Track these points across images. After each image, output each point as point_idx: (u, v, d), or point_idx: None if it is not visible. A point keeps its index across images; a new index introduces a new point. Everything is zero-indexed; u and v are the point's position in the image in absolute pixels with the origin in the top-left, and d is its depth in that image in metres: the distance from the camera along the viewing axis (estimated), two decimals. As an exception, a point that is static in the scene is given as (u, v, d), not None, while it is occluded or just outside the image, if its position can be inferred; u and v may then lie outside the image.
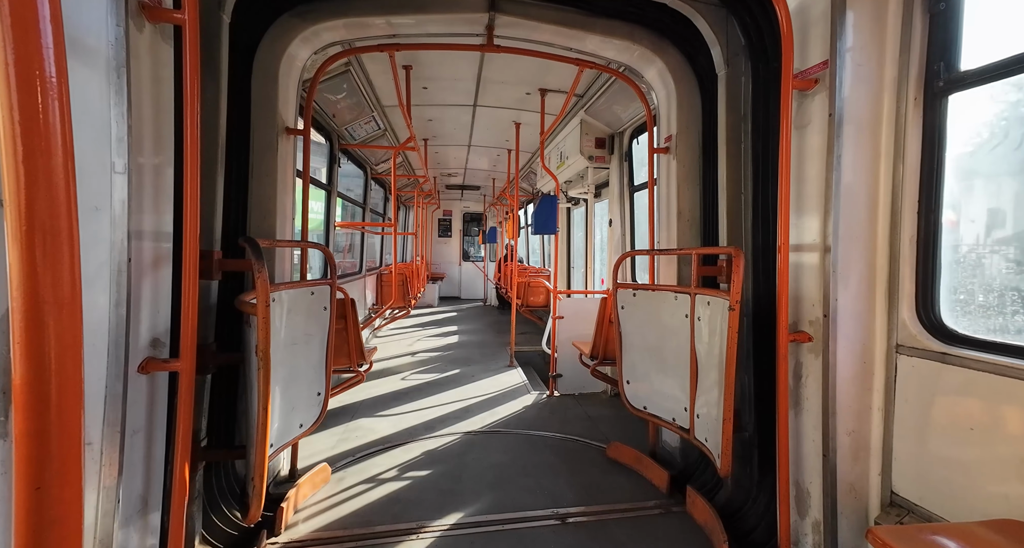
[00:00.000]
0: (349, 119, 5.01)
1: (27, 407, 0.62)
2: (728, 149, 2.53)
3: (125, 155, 1.35)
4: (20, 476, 0.63)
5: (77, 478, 0.67)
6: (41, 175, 0.59)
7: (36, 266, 0.60)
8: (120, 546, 1.44)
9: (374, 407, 4.21)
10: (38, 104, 0.59)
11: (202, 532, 2.10)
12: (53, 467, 0.64)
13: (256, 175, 2.47)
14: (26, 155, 0.58)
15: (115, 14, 1.30)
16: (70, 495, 0.63)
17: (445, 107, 5.26)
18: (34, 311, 0.60)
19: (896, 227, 1.82)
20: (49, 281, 0.61)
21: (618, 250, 5.01)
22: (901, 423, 1.79)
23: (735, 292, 1.96)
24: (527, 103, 4.98)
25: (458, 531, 2.38)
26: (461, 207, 13.55)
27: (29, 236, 0.59)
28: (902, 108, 1.79)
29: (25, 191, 0.58)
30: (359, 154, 6.53)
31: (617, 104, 4.45)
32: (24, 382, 0.62)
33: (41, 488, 0.62)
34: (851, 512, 1.85)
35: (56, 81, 0.60)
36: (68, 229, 0.62)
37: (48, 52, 0.59)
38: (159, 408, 1.64)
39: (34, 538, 0.61)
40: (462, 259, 13.65)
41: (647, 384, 2.72)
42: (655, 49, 2.98)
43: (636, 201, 4.91)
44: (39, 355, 0.62)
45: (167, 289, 1.65)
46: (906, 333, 1.79)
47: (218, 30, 2.03)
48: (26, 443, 0.62)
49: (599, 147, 5.00)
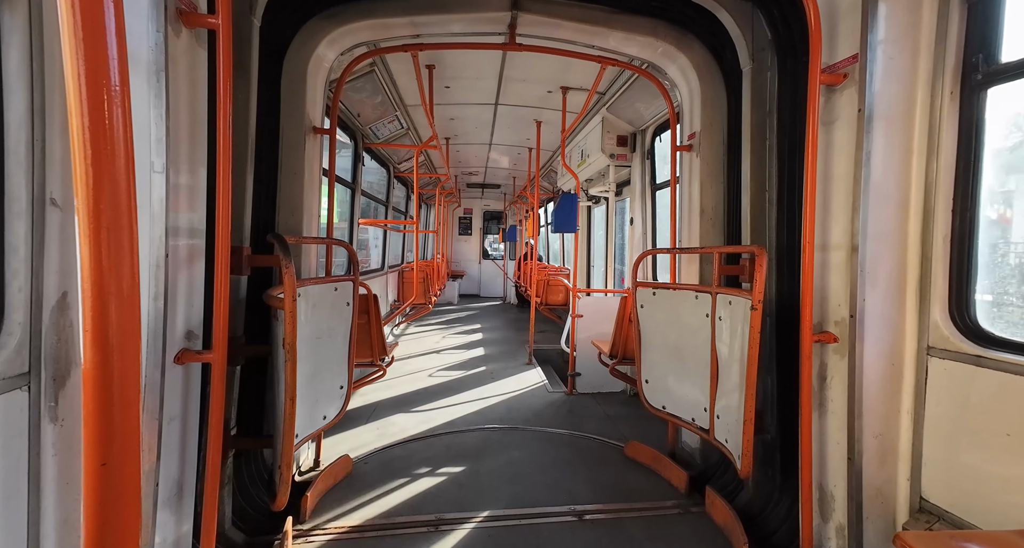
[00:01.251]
0: (373, 118, 5.11)
1: (95, 389, 0.68)
2: (753, 146, 2.48)
3: (163, 155, 1.42)
4: (88, 454, 0.69)
5: (136, 455, 0.73)
6: (106, 178, 0.65)
7: (102, 260, 0.65)
8: (160, 526, 1.53)
9: (394, 401, 4.29)
10: (104, 113, 0.64)
11: (232, 517, 2.19)
12: (116, 445, 0.69)
13: (284, 173, 2.55)
14: (94, 160, 0.64)
15: (155, 20, 1.37)
16: (131, 472, 0.69)
17: (467, 106, 5.30)
18: (100, 300, 0.66)
19: (928, 225, 1.76)
20: (113, 273, 0.67)
21: (639, 249, 4.96)
22: (932, 427, 1.73)
23: (757, 291, 1.93)
24: (548, 101, 4.97)
25: (476, 525, 2.41)
26: (481, 205, 13.62)
27: (96, 233, 0.64)
28: (937, 102, 1.72)
29: (93, 192, 0.64)
30: (382, 152, 6.65)
31: (639, 101, 4.41)
32: (92, 366, 0.68)
33: (107, 464, 0.68)
34: (877, 517, 1.80)
35: (120, 91, 0.65)
36: (128, 226, 0.68)
37: (113, 63, 0.64)
38: (193, 397, 1.72)
39: (101, 511, 0.67)
40: (482, 257, 13.73)
41: (666, 384, 2.70)
42: (679, 45, 2.94)
43: (658, 199, 4.86)
44: (104, 340, 0.68)
45: (200, 283, 1.72)
46: (938, 335, 1.73)
47: (249, 33, 2.10)
48: (94, 422, 0.69)
49: (621, 145, 4.95)
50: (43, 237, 1.23)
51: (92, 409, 0.69)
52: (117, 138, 0.66)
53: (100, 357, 0.68)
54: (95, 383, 0.69)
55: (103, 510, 0.67)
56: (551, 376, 5.36)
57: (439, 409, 4.14)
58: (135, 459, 0.73)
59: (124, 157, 0.67)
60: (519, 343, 6.90)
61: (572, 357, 4.65)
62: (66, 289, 1.26)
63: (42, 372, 1.22)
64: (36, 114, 1.21)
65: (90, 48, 0.62)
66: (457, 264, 13.34)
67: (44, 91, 1.22)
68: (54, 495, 1.25)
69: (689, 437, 3.17)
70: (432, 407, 4.17)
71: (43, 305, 1.23)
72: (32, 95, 1.20)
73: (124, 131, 0.67)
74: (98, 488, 0.68)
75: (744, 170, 2.54)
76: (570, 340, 4.68)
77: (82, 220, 0.66)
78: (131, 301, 0.69)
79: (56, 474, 1.25)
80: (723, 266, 2.40)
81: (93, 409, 0.70)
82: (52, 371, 1.24)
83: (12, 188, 1.18)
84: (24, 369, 1.19)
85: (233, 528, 2.18)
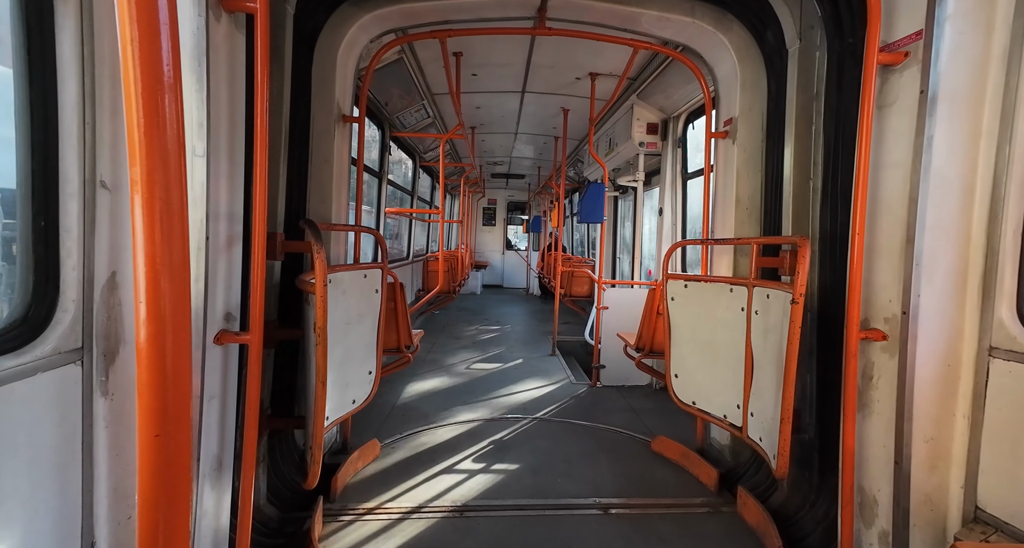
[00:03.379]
0: (400, 107, 5.11)
1: (149, 361, 0.71)
2: (797, 131, 2.35)
3: (205, 139, 1.45)
4: (143, 424, 0.71)
5: (187, 426, 0.75)
6: (158, 161, 0.67)
7: (155, 239, 0.67)
8: (202, 499, 1.60)
9: (420, 389, 4.34)
10: (158, 100, 0.66)
11: (267, 494, 2.27)
12: (170, 415, 0.72)
13: (315, 161, 2.58)
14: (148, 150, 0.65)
15: (197, 4, 1.38)
16: (182, 440, 0.71)
17: (493, 94, 5.24)
18: (154, 278, 0.68)
19: (996, 217, 1.62)
20: (166, 252, 0.69)
21: (668, 240, 4.84)
22: (992, 432, 1.62)
23: (800, 284, 1.82)
24: (576, 88, 4.86)
25: (501, 513, 2.42)
26: (505, 196, 13.57)
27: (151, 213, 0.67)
28: (1013, 82, 1.57)
29: (146, 174, 0.67)
30: (408, 142, 6.67)
31: (671, 87, 4.26)
32: (147, 339, 0.70)
33: (160, 435, 0.70)
34: (925, 524, 1.71)
35: (172, 79, 0.67)
36: (180, 207, 0.70)
37: (166, 55, 0.66)
38: (231, 377, 1.78)
39: (156, 479, 0.69)
40: (505, 248, 13.71)
41: (697, 379, 2.63)
42: (717, 25, 2.81)
43: (688, 189, 4.72)
44: (158, 314, 0.70)
45: (239, 267, 1.77)
46: (1003, 334, 1.60)
47: (283, 20, 2.11)
48: (148, 394, 0.71)
49: (651, 133, 4.82)
50: (94, 218, 1.27)
51: (146, 381, 0.72)
52: (171, 127, 0.68)
53: (154, 329, 0.70)
54: (149, 356, 0.71)
55: (158, 479, 0.70)
56: (574, 368, 5.33)
57: (462, 394, 4.17)
58: (186, 430, 0.76)
59: (176, 141, 0.68)
60: (543, 334, 6.88)
61: (597, 349, 4.60)
62: (115, 269, 1.31)
63: (94, 348, 1.27)
64: (87, 98, 1.24)
65: (145, 38, 0.64)
66: (480, 255, 13.37)
67: (95, 76, 1.26)
68: (106, 465, 1.32)
69: (718, 433, 3.09)
70: (455, 394, 4.20)
71: (94, 284, 1.27)
72: (83, 80, 1.24)
73: (176, 117, 0.69)
74: (152, 460, 0.71)
75: (787, 156, 2.41)
76: (595, 332, 4.63)
77: (136, 201, 0.68)
78: (182, 276, 0.71)
79: (108, 445, 1.32)
80: (761, 258, 2.30)
81: (147, 381, 0.72)
82: (103, 347, 1.29)
83: (66, 170, 1.22)
84: (78, 345, 1.24)
85: (268, 504, 2.26)
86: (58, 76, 1.20)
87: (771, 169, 2.67)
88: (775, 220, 2.59)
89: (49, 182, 1.19)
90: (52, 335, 1.18)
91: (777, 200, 2.57)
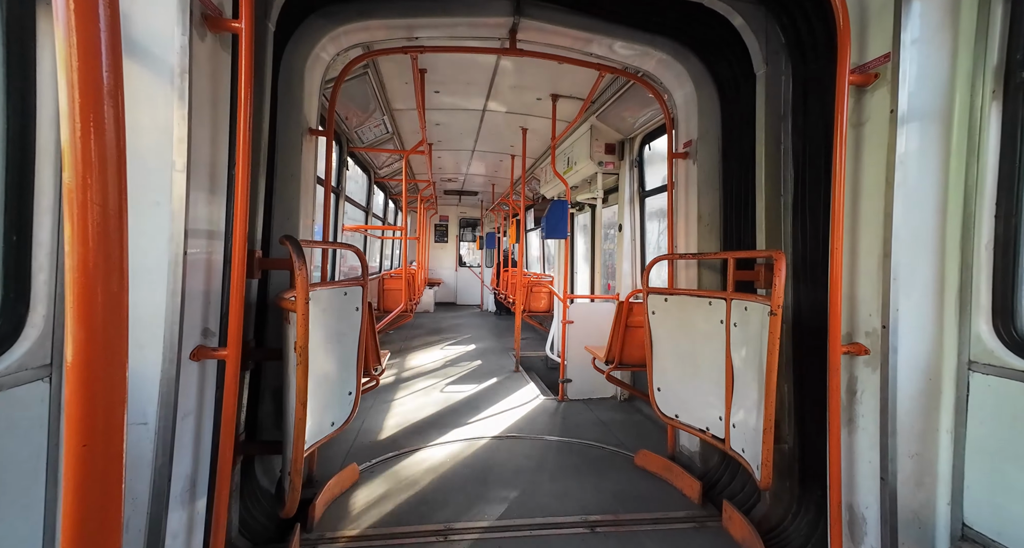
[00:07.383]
0: (358, 122, 4.98)
1: (79, 383, 0.68)
2: (767, 150, 2.45)
3: (185, 155, 1.42)
4: (70, 435, 0.66)
5: (119, 440, 0.69)
6: (94, 168, 0.64)
7: (88, 244, 0.65)
8: (171, 525, 1.50)
9: (388, 412, 4.14)
10: (96, 108, 0.65)
11: (238, 525, 2.08)
12: (98, 431, 0.67)
13: (281, 176, 2.43)
14: (84, 154, 0.64)
15: (181, 24, 1.40)
16: (113, 455, 0.65)
17: (454, 111, 5.25)
18: (85, 282, 0.66)
19: (969, 231, 1.65)
20: (102, 258, 0.66)
21: (628, 256, 5.02)
22: (975, 447, 1.60)
23: (777, 297, 1.88)
24: (536, 108, 4.99)
25: (485, 535, 2.34)
26: (458, 212, 13.52)
27: (83, 218, 0.64)
28: (977, 102, 1.64)
29: (80, 180, 0.64)
30: (364, 157, 6.49)
31: (628, 110, 4.48)
32: (75, 350, 0.68)
33: (88, 445, 0.65)
34: (914, 542, 1.68)
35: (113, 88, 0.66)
36: (118, 213, 0.67)
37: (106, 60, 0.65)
38: (208, 396, 1.69)
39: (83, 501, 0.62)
40: (458, 264, 13.60)
41: (679, 391, 2.67)
42: (676, 56, 3.00)
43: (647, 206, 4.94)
44: (90, 323, 0.68)
45: (218, 282, 1.70)
46: (981, 348, 1.61)
47: (264, 37, 2.08)
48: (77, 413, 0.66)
49: (609, 152, 5.02)
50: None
51: (75, 401, 0.68)
52: (108, 129, 0.66)
53: (84, 338, 0.69)
54: (79, 377, 0.69)
55: (83, 501, 0.64)
56: (539, 383, 5.33)
57: (434, 418, 4.02)
58: (118, 444, 0.70)
59: (116, 147, 0.67)
60: (503, 351, 6.83)
61: (563, 364, 4.63)
62: None
63: (63, 365, 1.15)
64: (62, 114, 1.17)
65: (83, 43, 0.63)
66: (433, 272, 13.16)
67: None
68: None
69: (688, 440, 3.19)
70: (428, 417, 4.04)
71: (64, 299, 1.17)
72: (58, 96, 1.21)
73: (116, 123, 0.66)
74: (79, 476, 0.65)
75: (758, 174, 2.51)
76: (558, 346, 4.66)
77: (68, 206, 0.65)
78: (119, 288, 0.68)
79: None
80: (737, 271, 2.37)
81: (75, 401, 0.68)
82: None
83: (41, 184, 1.23)
84: (46, 361, 1.22)
85: (240, 536, 2.08)
86: (36, 91, 1.22)
87: (728, 187, 2.86)
88: (736, 235, 2.75)
89: (24, 196, 1.19)
90: (18, 351, 1.16)
91: (737, 216, 2.74)
